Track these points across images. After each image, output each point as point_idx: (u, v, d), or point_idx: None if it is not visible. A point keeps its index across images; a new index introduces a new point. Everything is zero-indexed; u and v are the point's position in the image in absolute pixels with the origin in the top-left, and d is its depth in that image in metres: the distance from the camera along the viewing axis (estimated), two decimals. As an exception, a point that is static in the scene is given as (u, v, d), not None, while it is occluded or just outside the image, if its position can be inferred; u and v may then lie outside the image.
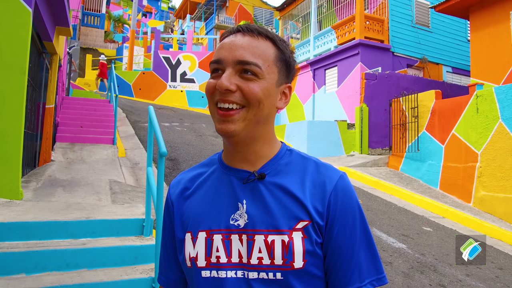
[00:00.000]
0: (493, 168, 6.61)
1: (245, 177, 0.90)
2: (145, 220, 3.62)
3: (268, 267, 0.83)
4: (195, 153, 8.51)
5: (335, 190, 0.87)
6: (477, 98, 7.05)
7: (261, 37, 0.88)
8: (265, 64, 0.86)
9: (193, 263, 0.87)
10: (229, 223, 0.87)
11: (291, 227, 0.84)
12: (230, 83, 0.83)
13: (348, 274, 0.86)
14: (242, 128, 0.85)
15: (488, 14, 8.45)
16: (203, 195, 0.93)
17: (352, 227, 0.87)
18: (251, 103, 0.84)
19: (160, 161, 2.92)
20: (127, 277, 2.97)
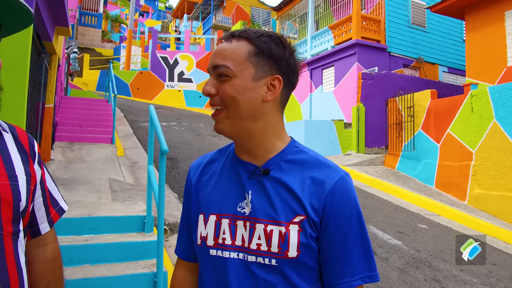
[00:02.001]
0: (487, 166, 6.71)
1: (251, 170, 0.98)
2: (146, 217, 3.69)
3: (265, 253, 0.91)
4: (194, 152, 8.57)
5: (333, 189, 0.92)
6: (471, 98, 7.16)
7: (235, 39, 0.95)
8: (235, 63, 0.92)
9: (203, 241, 0.97)
10: (236, 210, 0.96)
11: (288, 220, 0.91)
12: (210, 88, 0.94)
13: (340, 269, 0.92)
14: (228, 125, 0.95)
15: (483, 14, 8.56)
16: (216, 181, 1.03)
17: (347, 226, 0.92)
18: (227, 102, 0.93)
19: (161, 159, 3.00)
20: (130, 272, 3.05)
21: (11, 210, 0.93)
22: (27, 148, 1.05)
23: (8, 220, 0.92)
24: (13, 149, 1.01)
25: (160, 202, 3.01)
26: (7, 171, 0.95)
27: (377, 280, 0.95)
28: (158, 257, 2.97)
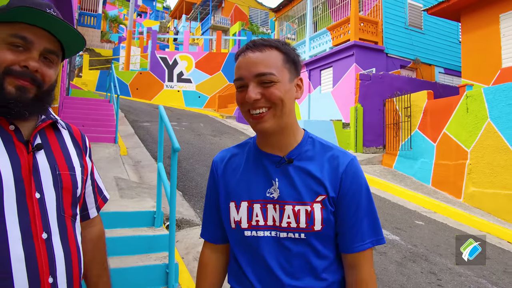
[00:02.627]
0: (482, 165, 6.91)
1: (276, 160, 1.16)
2: (156, 212, 3.85)
3: (294, 229, 1.10)
4: (195, 152, 8.73)
5: (346, 171, 1.13)
6: (467, 99, 7.36)
7: (267, 48, 1.10)
8: (277, 70, 1.09)
9: (237, 225, 1.15)
10: (266, 195, 1.14)
11: (312, 199, 1.11)
12: (255, 94, 1.07)
13: (353, 235, 1.12)
14: (274, 123, 1.10)
15: (478, 17, 8.76)
16: (242, 172, 1.20)
17: (358, 200, 1.13)
18: (275, 103, 1.08)
19: (173, 156, 3.16)
20: (143, 264, 3.21)
21: (71, 196, 1.11)
22: (80, 143, 1.23)
23: (69, 205, 1.10)
24: (70, 144, 1.18)
25: (172, 197, 3.18)
26: (67, 163, 1.13)
27: (383, 242, 1.16)
28: (170, 250, 3.13)
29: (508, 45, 8.14)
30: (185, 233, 4.48)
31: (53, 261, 1.02)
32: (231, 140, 10.79)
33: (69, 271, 1.06)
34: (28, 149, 1.04)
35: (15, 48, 1.01)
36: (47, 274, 1.00)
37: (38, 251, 0.98)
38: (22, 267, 0.95)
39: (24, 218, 0.98)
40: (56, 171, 1.08)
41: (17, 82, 1.02)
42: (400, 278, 4.00)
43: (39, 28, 1.04)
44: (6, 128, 1.03)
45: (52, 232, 1.03)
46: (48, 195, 1.04)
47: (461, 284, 4.02)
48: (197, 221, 4.78)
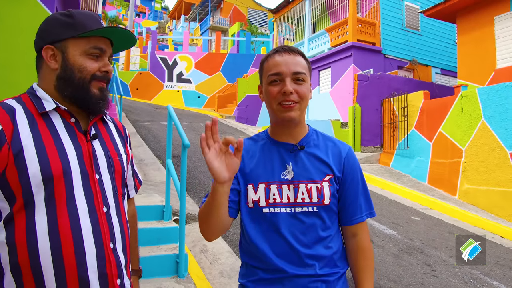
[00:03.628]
0: (476, 163, 7.13)
1: (290, 147, 1.39)
2: (164, 207, 4.04)
3: (308, 204, 1.33)
4: (197, 151, 8.89)
5: (347, 156, 1.41)
6: (462, 99, 7.57)
7: (299, 55, 1.38)
8: (306, 72, 1.36)
9: (255, 204, 1.35)
10: (281, 177, 1.36)
11: (321, 178, 1.35)
12: (291, 88, 1.31)
13: (353, 209, 1.39)
14: (299, 114, 1.35)
15: (474, 19, 8.98)
16: (259, 159, 1.41)
17: (356, 180, 1.41)
18: (303, 99, 1.34)
19: (183, 152, 3.35)
20: (154, 254, 3.40)
21: (120, 177, 1.33)
22: (123, 134, 1.45)
23: (120, 185, 1.32)
24: (115, 134, 1.40)
25: (182, 191, 3.37)
26: (116, 150, 1.34)
27: (375, 215, 1.46)
28: (180, 240, 3.32)
29: (502, 46, 8.37)
30: (191, 227, 4.66)
31: (112, 230, 1.22)
32: (231, 139, 10.95)
33: (124, 239, 1.26)
34: (87, 138, 1.24)
35: (94, 57, 1.24)
36: (109, 240, 1.19)
37: (101, 222, 1.19)
38: (90, 234, 1.15)
39: (89, 195, 1.18)
40: (109, 156, 1.28)
41: (99, 85, 1.25)
42: (397, 269, 4.20)
43: (106, 38, 1.28)
44: (69, 121, 1.23)
45: (110, 207, 1.23)
46: (104, 176, 1.25)
47: (454, 274, 4.23)
48: (202, 216, 4.97)
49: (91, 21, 1.24)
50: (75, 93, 1.22)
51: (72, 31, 1.21)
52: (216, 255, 3.95)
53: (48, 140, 1.15)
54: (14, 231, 1.08)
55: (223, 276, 3.57)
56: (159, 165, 7.33)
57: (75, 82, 1.21)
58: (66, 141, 1.18)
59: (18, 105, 1.17)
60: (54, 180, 1.12)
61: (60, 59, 1.22)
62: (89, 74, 1.22)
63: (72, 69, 1.21)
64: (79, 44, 1.22)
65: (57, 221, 1.11)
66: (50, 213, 1.11)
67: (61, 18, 1.23)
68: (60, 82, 1.22)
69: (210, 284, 3.41)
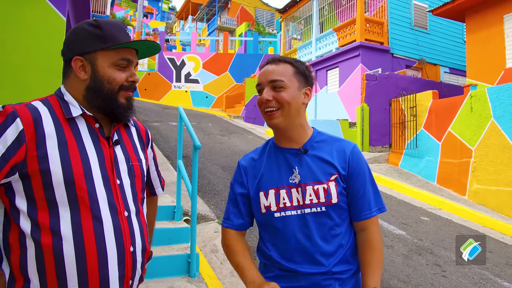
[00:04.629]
0: (486, 163, 7.10)
1: (294, 152, 1.44)
2: (175, 207, 4.09)
3: (316, 204, 1.38)
4: (205, 151, 8.95)
5: (352, 154, 1.44)
6: (471, 98, 7.54)
7: (281, 62, 1.43)
8: (287, 78, 1.39)
9: (267, 209, 1.42)
10: (289, 182, 1.42)
11: (327, 179, 1.40)
12: (268, 96, 1.38)
13: (362, 206, 1.42)
14: (282, 121, 1.39)
15: (482, 17, 8.92)
16: (266, 167, 1.47)
17: (363, 177, 1.43)
18: (283, 104, 1.38)
19: (194, 154, 3.40)
20: (166, 254, 3.45)
21: (141, 182, 1.37)
22: (144, 138, 1.48)
23: (140, 190, 1.36)
24: (136, 140, 1.42)
25: (193, 192, 3.42)
26: (136, 155, 1.37)
27: (385, 210, 1.47)
28: (192, 240, 3.37)
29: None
30: (201, 227, 4.71)
31: (133, 233, 1.25)
32: (239, 139, 11.02)
33: (143, 243, 1.29)
34: (109, 144, 1.28)
35: (122, 68, 1.28)
36: (129, 244, 1.22)
37: (123, 225, 1.22)
38: (112, 237, 1.18)
39: (111, 199, 1.21)
40: (130, 162, 1.32)
41: (127, 94, 1.30)
42: (406, 269, 4.21)
43: (133, 49, 1.31)
44: (93, 126, 1.26)
45: (131, 211, 1.27)
46: (125, 181, 1.28)
47: (464, 275, 4.23)
48: (211, 216, 5.02)
49: (119, 32, 1.27)
50: (103, 103, 1.26)
51: (101, 44, 1.24)
52: (227, 255, 3.98)
53: (72, 144, 1.19)
54: (40, 234, 1.12)
55: (234, 276, 3.61)
56: (168, 165, 7.39)
57: (104, 93, 1.25)
58: (89, 146, 1.22)
59: (45, 107, 1.21)
60: (76, 184, 1.15)
61: (90, 70, 1.25)
62: (117, 85, 1.26)
63: (102, 80, 1.25)
64: (108, 55, 1.25)
65: (81, 224, 1.15)
66: (74, 216, 1.14)
67: (90, 30, 1.25)
68: (89, 93, 1.26)
69: (221, 284, 3.45)
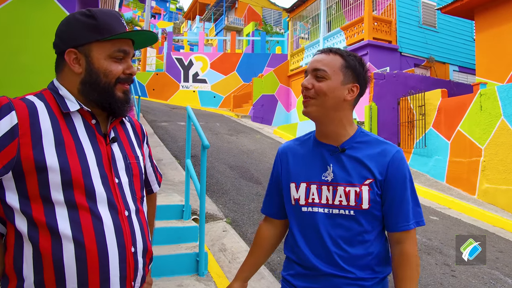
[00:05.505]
0: (496, 162, 7.03)
1: (331, 149, 1.39)
2: (184, 206, 4.12)
3: (345, 207, 1.33)
4: (213, 151, 8.98)
5: (392, 160, 1.34)
6: (480, 97, 7.47)
7: (332, 53, 1.37)
8: (331, 70, 1.34)
9: (296, 202, 1.41)
10: (321, 178, 1.38)
11: (361, 182, 1.33)
12: (308, 83, 1.35)
13: (399, 216, 1.34)
14: (314, 110, 1.35)
15: (492, 15, 8.83)
16: (303, 158, 1.45)
17: (402, 185, 1.34)
18: (319, 94, 1.33)
19: (203, 153, 3.42)
20: (174, 252, 3.48)
21: (139, 180, 1.31)
22: (140, 133, 1.42)
23: (138, 188, 1.31)
24: (132, 136, 1.37)
25: (202, 191, 3.44)
26: (133, 152, 1.32)
27: (423, 224, 1.38)
28: (201, 239, 3.40)
29: (522, 43, 8.21)
30: (209, 226, 4.73)
31: (134, 234, 1.20)
32: (247, 138, 11.04)
33: (145, 244, 1.24)
34: (106, 141, 1.22)
35: (118, 60, 1.21)
36: (130, 244, 1.17)
37: (124, 226, 1.17)
38: (113, 237, 1.13)
39: (111, 199, 1.16)
40: (127, 160, 1.26)
41: (123, 88, 1.24)
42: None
43: (129, 39, 1.25)
44: (90, 122, 1.20)
45: (131, 210, 1.22)
46: (123, 180, 1.23)
47: (474, 275, 4.20)
48: (220, 216, 5.04)
49: (114, 22, 1.20)
50: (100, 97, 1.20)
51: (96, 34, 1.17)
52: (235, 254, 4.00)
53: (69, 142, 1.13)
54: (38, 233, 1.07)
55: (242, 275, 3.63)
56: (176, 165, 7.43)
57: (101, 86, 1.19)
58: (86, 144, 1.17)
59: (40, 102, 1.14)
60: (74, 184, 1.10)
61: (84, 63, 1.18)
62: (114, 78, 1.20)
63: (98, 73, 1.18)
64: (104, 47, 1.19)
65: (80, 223, 1.10)
66: (73, 215, 1.09)
67: (83, 20, 1.18)
68: (84, 87, 1.19)
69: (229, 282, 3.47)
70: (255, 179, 7.11)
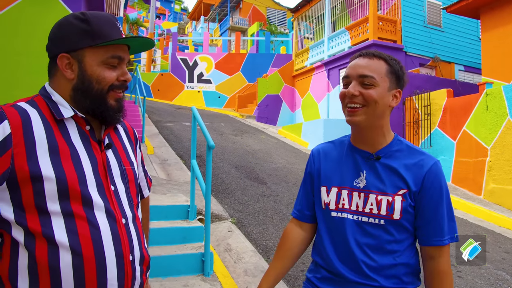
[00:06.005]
0: (502, 162, 6.99)
1: (366, 156, 1.35)
2: (190, 206, 4.14)
3: (376, 215, 1.30)
4: (218, 151, 9.00)
5: (429, 171, 1.29)
6: (486, 96, 7.44)
7: (376, 58, 1.30)
8: (379, 76, 1.28)
9: (326, 206, 1.38)
10: (353, 184, 1.35)
11: (394, 192, 1.29)
12: (354, 91, 1.28)
13: (432, 231, 1.30)
14: (363, 119, 1.29)
15: (498, 14, 8.78)
16: (336, 162, 1.42)
17: (438, 198, 1.29)
18: (369, 102, 1.27)
19: (208, 153, 3.43)
20: (180, 252, 3.49)
21: (135, 187, 1.29)
22: (132, 138, 1.40)
23: (134, 194, 1.28)
24: (126, 141, 1.34)
25: (207, 192, 3.45)
26: (127, 158, 1.29)
27: (458, 240, 1.35)
28: (206, 239, 3.41)
29: (528, 42, 8.16)
30: (215, 226, 4.75)
31: (131, 242, 1.17)
32: (252, 139, 11.05)
33: (141, 251, 1.22)
34: (101, 147, 1.19)
35: (112, 66, 1.17)
36: (128, 252, 1.15)
37: (121, 234, 1.14)
38: (111, 245, 1.11)
39: (108, 207, 1.14)
40: (122, 166, 1.24)
41: (116, 95, 1.19)
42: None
43: (124, 45, 1.20)
44: (84, 128, 1.17)
45: (128, 218, 1.19)
46: (119, 187, 1.21)
47: (480, 275, 4.18)
48: (225, 216, 5.05)
49: (109, 27, 1.16)
50: (92, 105, 1.16)
51: (89, 40, 1.13)
52: (240, 254, 4.01)
53: (64, 149, 1.10)
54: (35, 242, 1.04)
55: (247, 275, 3.64)
56: (181, 165, 7.46)
57: (93, 94, 1.16)
58: (81, 151, 1.14)
59: (33, 109, 1.10)
60: (70, 193, 1.07)
61: (77, 68, 1.15)
62: (107, 85, 1.16)
63: (90, 80, 1.15)
64: (97, 53, 1.15)
65: (77, 232, 1.07)
66: (69, 224, 1.06)
67: (76, 24, 1.14)
68: (76, 93, 1.16)
69: (235, 283, 3.48)
70: (260, 179, 7.11)
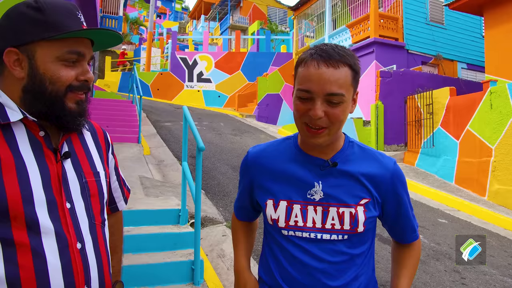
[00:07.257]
0: (507, 162, 6.79)
1: (320, 163, 1.17)
2: (181, 211, 3.96)
3: (338, 231, 1.14)
4: (216, 151, 8.84)
5: (392, 175, 1.19)
6: (490, 95, 7.23)
7: (341, 65, 1.06)
8: (347, 91, 1.08)
9: (274, 223, 1.19)
10: (306, 197, 1.16)
11: (356, 202, 1.15)
12: (321, 112, 1.06)
13: (406, 228, 1.28)
14: (327, 139, 1.12)
15: (502, 11, 8.58)
16: (282, 171, 1.21)
17: (403, 198, 1.22)
18: (334, 124, 1.09)
19: (198, 155, 3.26)
20: (169, 260, 3.32)
21: (99, 202, 1.11)
22: (102, 143, 1.21)
23: (98, 212, 1.10)
24: (93, 147, 1.16)
25: (197, 195, 3.28)
26: (92, 169, 1.10)
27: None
28: (196, 247, 3.23)
29: (533, 39, 7.95)
30: (208, 230, 4.57)
31: (87, 270, 1.01)
32: (251, 139, 10.88)
33: (101, 279, 1.07)
34: (57, 157, 1.02)
35: (70, 64, 1.00)
36: (83, 284, 0.99)
37: (74, 262, 0.98)
38: (59, 279, 0.95)
39: (59, 229, 0.97)
40: (83, 178, 1.07)
41: (76, 97, 1.03)
42: (423, 276, 4.00)
43: (86, 39, 1.04)
44: (36, 135, 1.01)
45: (86, 241, 1.03)
46: (77, 204, 1.03)
47: (485, 282, 4.00)
48: (220, 219, 4.88)
49: (67, 17, 0.99)
50: (46, 109, 0.99)
51: (42, 32, 0.96)
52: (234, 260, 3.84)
53: (7, 160, 0.93)
54: None
55: (240, 283, 3.46)
56: (178, 166, 7.29)
57: (46, 96, 0.98)
58: (29, 162, 0.96)
59: None
60: (10, 213, 0.90)
61: (27, 66, 0.98)
62: (63, 86, 0.99)
63: (42, 79, 0.98)
64: (52, 47, 0.98)
65: (17, 264, 0.91)
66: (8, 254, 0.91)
67: (27, 13, 0.97)
68: (27, 96, 0.99)
69: (226, 292, 3.31)
70: (258, 181, 6.93)
